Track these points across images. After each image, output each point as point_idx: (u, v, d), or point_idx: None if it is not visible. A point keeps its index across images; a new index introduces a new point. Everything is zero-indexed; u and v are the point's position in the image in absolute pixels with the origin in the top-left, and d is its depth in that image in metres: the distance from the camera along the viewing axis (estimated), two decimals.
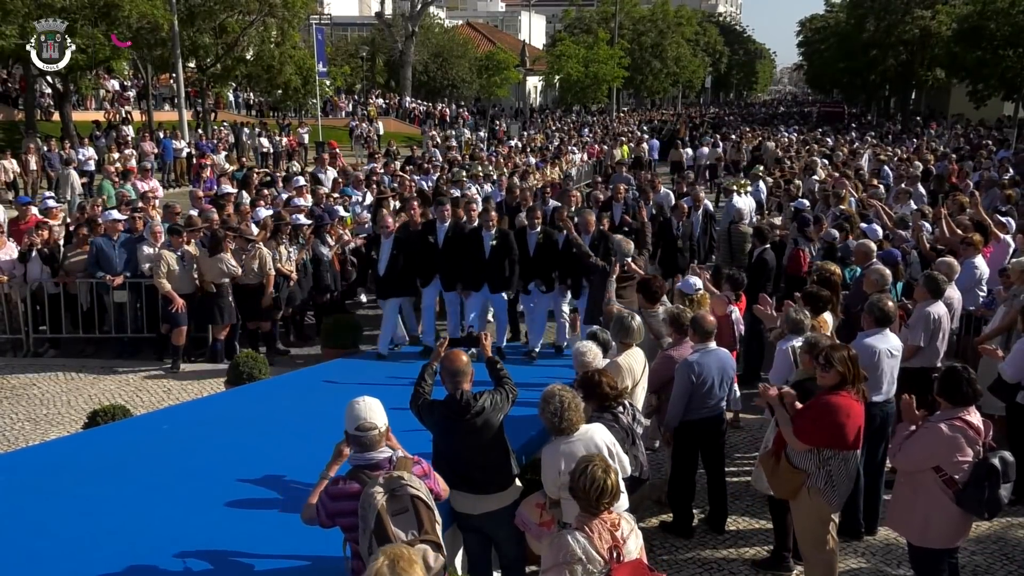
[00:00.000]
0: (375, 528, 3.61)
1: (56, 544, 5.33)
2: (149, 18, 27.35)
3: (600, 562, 3.75)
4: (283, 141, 33.13)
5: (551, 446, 4.72)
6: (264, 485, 5.97)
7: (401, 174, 19.26)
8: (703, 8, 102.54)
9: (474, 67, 58.88)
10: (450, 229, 10.33)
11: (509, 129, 44.40)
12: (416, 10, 53.14)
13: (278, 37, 34.45)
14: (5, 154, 23.30)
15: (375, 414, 3.99)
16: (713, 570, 6.29)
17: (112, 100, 36.34)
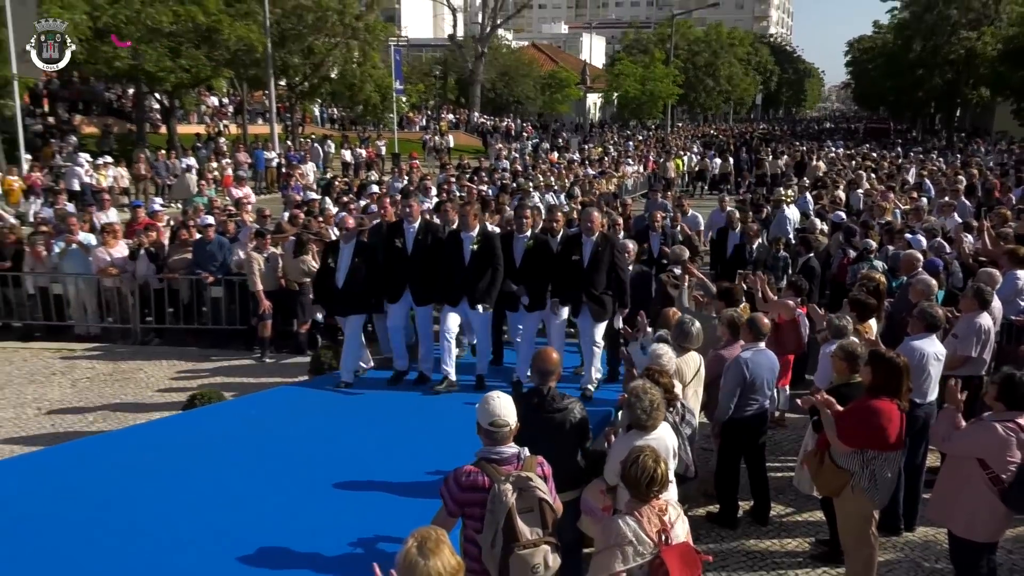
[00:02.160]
0: (504, 524, 3.62)
1: (161, 515, 5.50)
2: (246, 41, 27.90)
3: (650, 544, 3.74)
4: (363, 153, 33.53)
5: (628, 438, 4.66)
6: (344, 473, 6.16)
7: (468, 184, 19.36)
8: (755, 30, 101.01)
9: (538, 85, 58.88)
10: (420, 231, 8.32)
11: (569, 143, 44.29)
12: (486, 32, 53.42)
13: (360, 58, 34.87)
14: (119, 163, 23.99)
15: (508, 412, 3.94)
16: (756, 559, 6.21)
17: (212, 115, 37.19)
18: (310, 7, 31.47)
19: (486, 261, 8.19)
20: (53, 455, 6.87)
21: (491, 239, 8.32)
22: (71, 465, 6.43)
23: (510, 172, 23.59)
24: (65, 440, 7.70)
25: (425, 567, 2.92)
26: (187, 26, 26.73)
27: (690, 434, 5.44)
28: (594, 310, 8.02)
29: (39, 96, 29.08)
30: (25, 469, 6.44)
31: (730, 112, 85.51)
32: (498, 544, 3.61)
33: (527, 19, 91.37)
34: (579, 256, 7.99)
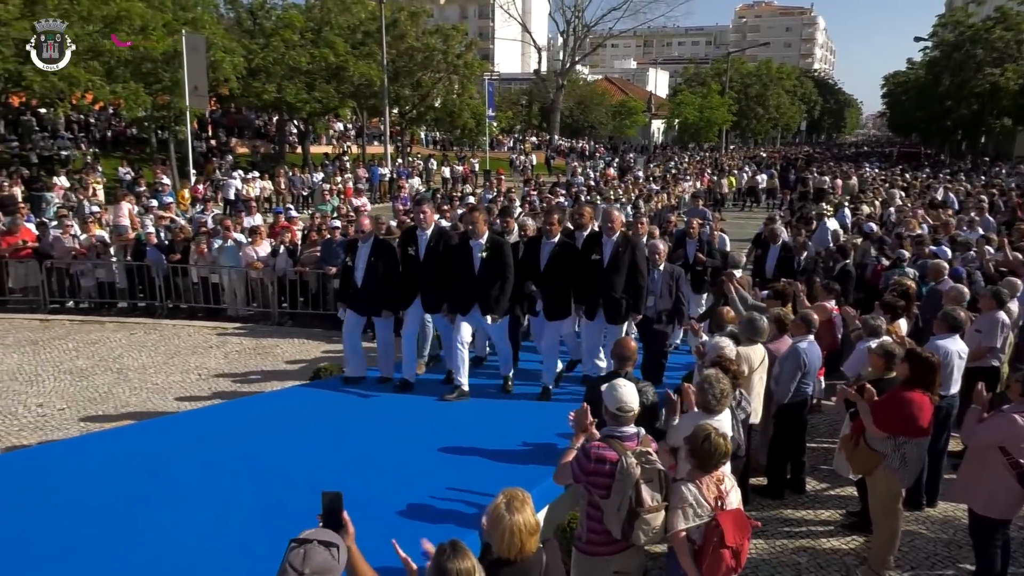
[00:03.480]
0: (633, 493, 3.62)
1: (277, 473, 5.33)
2: (367, 77, 28.53)
3: (707, 508, 3.72)
4: (459, 169, 33.85)
5: (695, 416, 4.60)
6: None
7: (548, 195, 19.34)
8: (801, 65, 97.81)
9: (609, 112, 58.39)
10: (433, 238, 7.17)
11: (635, 162, 43.76)
12: (566, 67, 53.21)
13: (459, 90, 35.21)
14: (264, 177, 24.84)
15: (633, 398, 3.91)
16: (793, 525, 6.04)
17: (337, 138, 38.08)
18: (419, 48, 31.98)
19: (495, 269, 6.92)
20: (60, 449, 6.12)
21: (501, 246, 7.01)
22: (70, 462, 5.66)
23: (584, 186, 23.46)
24: (220, 400, 8.00)
25: (509, 521, 2.95)
26: (320, 65, 27.52)
27: (744, 418, 5.30)
28: (610, 312, 7.01)
29: (205, 123, 30.27)
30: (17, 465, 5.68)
31: (777, 137, 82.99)
32: (624, 508, 3.62)
33: (601, 56, 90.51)
34: (599, 256, 6.98)
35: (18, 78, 18.42)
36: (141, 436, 6.26)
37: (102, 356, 9.73)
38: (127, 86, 20.23)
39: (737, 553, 3.71)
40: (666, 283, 7.50)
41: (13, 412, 7.78)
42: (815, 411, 8.14)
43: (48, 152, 24.37)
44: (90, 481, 5.28)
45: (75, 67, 18.43)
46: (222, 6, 28.78)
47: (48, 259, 12.05)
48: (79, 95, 21.13)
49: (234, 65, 23.60)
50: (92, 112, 28.27)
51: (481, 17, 78.26)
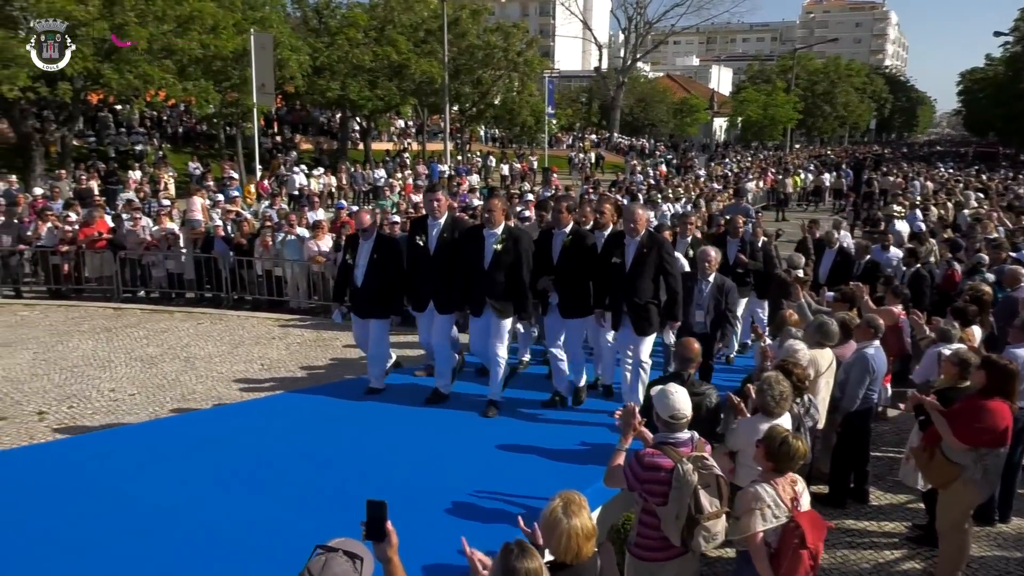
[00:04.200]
0: (691, 500, 3.57)
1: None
2: (428, 75, 28.81)
3: (785, 509, 3.68)
4: (518, 166, 33.89)
5: (754, 420, 4.52)
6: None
7: (607, 194, 19.21)
8: (871, 62, 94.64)
9: (670, 110, 57.64)
10: (445, 227, 6.40)
11: (696, 161, 43.10)
12: (627, 65, 52.80)
13: (519, 87, 35.28)
14: (327, 173, 25.34)
15: (685, 405, 3.84)
16: (856, 536, 5.86)
17: (398, 135, 38.60)
18: (480, 46, 32.14)
19: (510, 264, 6.16)
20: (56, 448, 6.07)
21: (518, 238, 6.26)
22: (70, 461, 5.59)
23: (643, 185, 23.24)
24: (281, 390, 8.20)
25: (567, 525, 2.92)
26: (383, 63, 27.92)
27: (811, 425, 5.17)
28: (636, 322, 6.13)
29: (271, 120, 31.05)
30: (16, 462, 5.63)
31: (845, 135, 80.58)
32: (682, 516, 3.56)
33: (663, 53, 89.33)
34: (620, 259, 6.09)
35: (97, 76, 19.21)
36: (202, 423, 6.47)
37: (170, 344, 10.08)
38: (198, 84, 20.91)
39: (815, 555, 3.65)
40: (713, 296, 6.72)
41: (88, 396, 8.13)
42: (881, 419, 7.88)
43: (123, 147, 25.39)
44: (158, 464, 5.48)
45: (150, 65, 19.14)
46: (289, 5, 29.52)
47: (122, 250, 12.56)
48: (153, 92, 21.93)
49: (300, 63, 24.16)
50: (165, 109, 29.33)
51: (542, 15, 78.12)
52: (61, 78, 18.63)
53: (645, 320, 6.16)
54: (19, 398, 8.01)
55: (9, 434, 7.06)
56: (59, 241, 12.73)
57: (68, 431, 7.06)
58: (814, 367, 5.57)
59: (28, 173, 19.68)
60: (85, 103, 22.68)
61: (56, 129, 21.76)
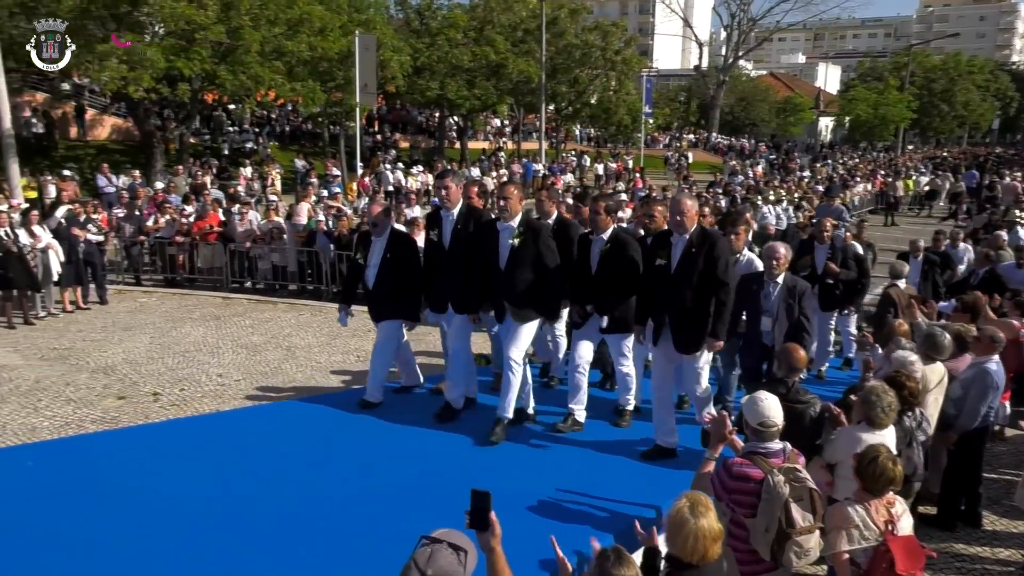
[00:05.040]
0: (782, 513, 3.46)
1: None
2: (525, 74, 29.00)
3: (875, 531, 3.50)
4: (612, 166, 33.61)
5: (856, 430, 4.32)
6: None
7: (704, 194, 18.80)
8: (997, 58, 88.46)
9: (773, 109, 55.77)
10: (460, 218, 5.68)
11: (800, 162, 41.52)
12: (728, 63, 51.42)
13: (616, 86, 34.98)
14: (424, 171, 25.88)
15: (776, 413, 3.70)
16: (966, 562, 5.49)
17: (494, 134, 38.99)
18: (578, 45, 32.07)
19: (531, 261, 5.35)
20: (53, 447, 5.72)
21: (537, 230, 5.45)
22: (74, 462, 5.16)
23: (743, 186, 22.60)
24: None
25: (694, 525, 2.87)
26: (481, 63, 28.30)
27: (923, 440, 4.89)
28: (680, 335, 5.15)
29: (372, 119, 31.99)
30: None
31: (964, 136, 75.69)
32: (772, 529, 3.45)
33: (767, 51, 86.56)
34: (666, 260, 5.14)
35: (213, 77, 20.32)
36: (292, 413, 6.36)
37: (273, 334, 10.54)
38: (305, 84, 21.79)
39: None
40: (783, 300, 5.69)
41: (197, 380, 8.61)
42: (997, 439, 7.37)
43: (235, 145, 26.75)
44: (250, 449, 5.48)
45: (261, 67, 20.09)
46: (392, 7, 30.33)
47: (231, 242, 13.24)
48: (263, 92, 23.01)
49: (401, 63, 24.80)
50: (274, 108, 30.72)
51: (641, 13, 77.12)
52: (181, 79, 19.83)
53: (692, 336, 5.14)
54: (136, 379, 8.57)
55: (127, 412, 7.56)
56: (175, 233, 13.54)
57: (179, 411, 7.50)
58: (923, 382, 5.26)
59: (149, 168, 21.02)
60: (202, 103, 24.06)
61: (175, 127, 23.17)
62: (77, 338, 10.21)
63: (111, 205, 15.37)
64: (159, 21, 19.60)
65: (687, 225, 5.07)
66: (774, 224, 14.95)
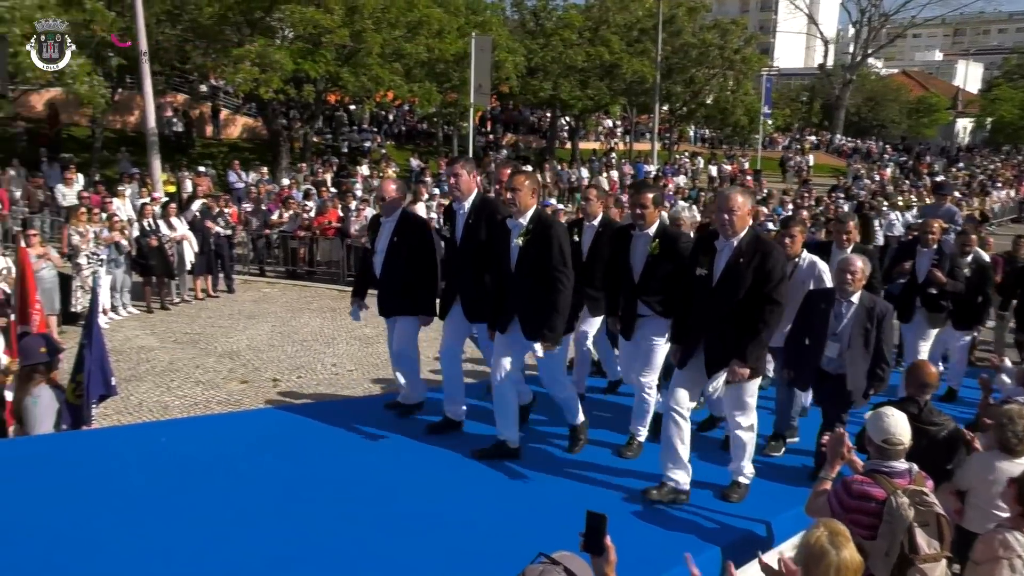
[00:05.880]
0: (905, 538, 3.28)
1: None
2: (639, 74, 28.64)
3: None
4: (727, 168, 32.65)
5: (988, 457, 4.02)
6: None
7: (827, 199, 17.94)
8: None
9: (904, 110, 52.54)
10: (472, 212, 4.89)
11: (933, 166, 38.91)
12: (856, 61, 48.84)
13: (734, 86, 33.99)
14: (534, 171, 26.00)
15: (903, 430, 3.47)
16: None
17: (606, 134, 38.72)
18: (695, 44, 31.36)
19: (539, 266, 4.51)
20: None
21: (548, 232, 4.52)
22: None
23: (867, 191, 21.42)
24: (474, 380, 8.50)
25: (836, 556, 2.72)
26: (595, 63, 28.17)
27: None
28: (718, 362, 4.26)
29: (485, 119, 32.49)
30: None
31: None
32: (893, 554, 3.24)
33: (899, 48, 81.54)
34: (708, 269, 4.26)
35: (336, 79, 21.22)
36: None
37: (385, 327, 10.84)
38: (422, 85, 22.38)
39: None
40: (858, 324, 4.72)
41: (313, 368, 9.00)
42: None
43: (354, 144, 27.83)
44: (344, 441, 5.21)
45: (381, 68, 20.80)
46: (508, 9, 30.67)
47: (348, 237, 13.76)
48: (382, 93, 23.81)
49: (515, 64, 25.03)
50: (391, 109, 31.73)
51: (763, 10, 74.48)
52: (307, 81, 20.81)
53: (722, 361, 4.26)
54: (258, 365, 9.06)
55: (249, 396, 8.00)
56: (297, 227, 14.22)
57: (296, 397, 7.86)
58: None
59: (275, 165, 22.18)
60: (325, 103, 25.14)
61: (300, 127, 24.33)
62: (207, 324, 10.90)
63: (240, 200, 16.33)
64: (289, 25, 20.65)
65: (736, 227, 4.16)
66: (902, 233, 14.09)
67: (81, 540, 3.63)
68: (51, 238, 13.60)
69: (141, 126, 19.16)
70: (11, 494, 3.97)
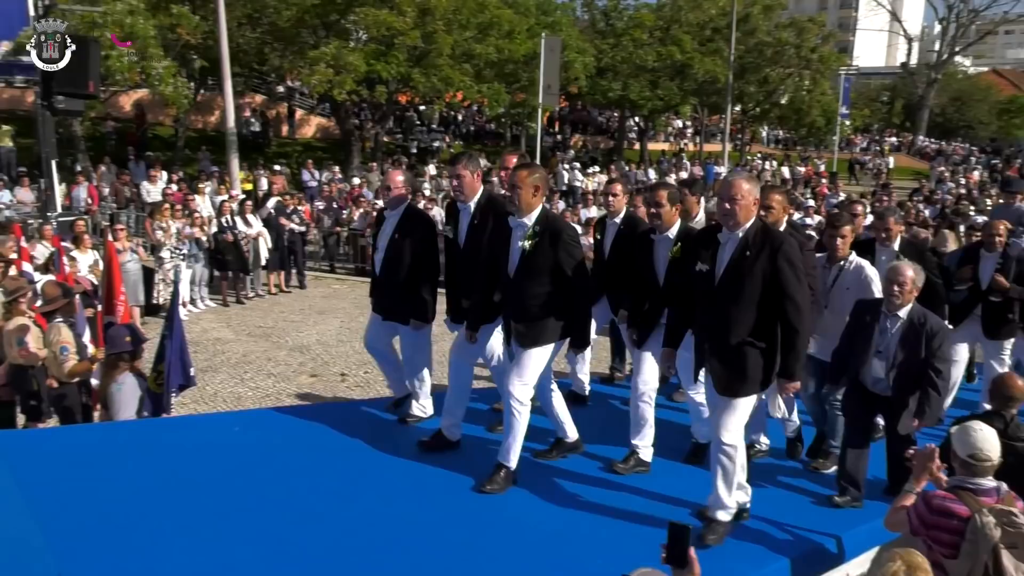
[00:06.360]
0: (990, 559, 3.14)
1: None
2: (711, 74, 28.14)
3: None
4: (801, 170, 31.71)
5: None
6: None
7: (908, 203, 17.22)
8: None
9: (993, 110, 50.03)
10: (477, 211, 4.61)
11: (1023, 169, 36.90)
12: (942, 59, 46.76)
13: (810, 85, 33.01)
14: (601, 171, 25.87)
15: (991, 446, 3.30)
16: None
17: (675, 135, 38.17)
18: (771, 43, 30.61)
19: (548, 270, 4.13)
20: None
21: (557, 232, 4.13)
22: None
23: (952, 195, 20.48)
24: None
25: None
26: (665, 63, 27.82)
27: None
28: (726, 374, 3.76)
29: (552, 120, 32.48)
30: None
31: None
32: (976, 575, 3.12)
33: (989, 45, 77.67)
34: (709, 265, 3.78)
35: (407, 80, 21.56)
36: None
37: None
38: (492, 86, 22.55)
39: None
40: (905, 341, 4.26)
41: None
42: None
43: (424, 144, 28.23)
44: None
45: (451, 70, 21.04)
46: (579, 9, 30.56)
47: None
48: (452, 94, 24.08)
49: (584, 64, 24.95)
50: (460, 109, 32.05)
51: (843, 7, 72.12)
52: (379, 82, 21.23)
53: (736, 370, 3.72)
54: (327, 359, 9.27)
55: (318, 389, 8.20)
56: (367, 225, 14.49)
57: (363, 392, 8.01)
58: None
59: (347, 165, 22.69)
60: (395, 104, 25.58)
61: (371, 127, 24.82)
62: (279, 318, 11.23)
63: (312, 198, 16.76)
64: (363, 28, 21.09)
65: (740, 217, 3.64)
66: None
67: (156, 519, 3.78)
68: (135, 233, 14.24)
69: (221, 126, 19.89)
70: (94, 476, 4.17)
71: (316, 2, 19.80)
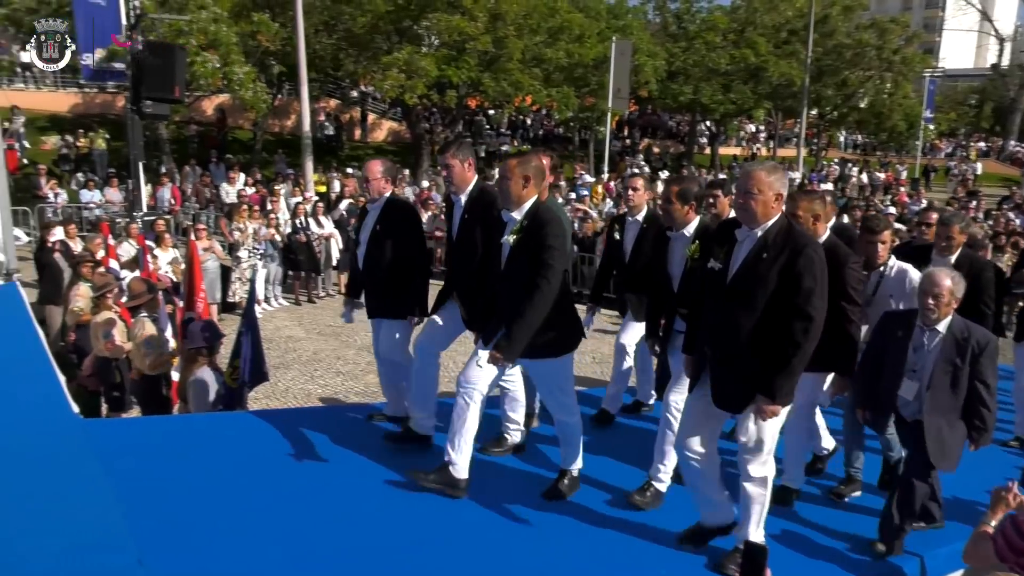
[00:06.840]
0: None
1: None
2: (787, 77, 27.46)
3: None
4: (881, 176, 30.58)
5: None
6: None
7: (996, 212, 16.42)
8: None
9: None
10: (468, 205, 4.31)
11: None
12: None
13: (891, 88, 31.81)
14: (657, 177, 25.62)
15: None
16: None
17: (748, 139, 37.35)
18: (850, 45, 29.67)
19: (528, 268, 3.66)
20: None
21: (542, 227, 3.66)
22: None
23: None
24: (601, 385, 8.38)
25: None
26: (739, 66, 27.28)
27: None
28: (727, 386, 3.36)
29: (622, 124, 32.23)
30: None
31: None
32: None
33: None
34: (722, 264, 3.37)
35: (477, 84, 21.76)
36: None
37: None
38: (561, 90, 22.53)
39: None
40: (945, 359, 3.71)
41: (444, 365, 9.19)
42: None
43: (492, 148, 28.41)
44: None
45: (521, 74, 21.13)
46: (651, 12, 30.27)
47: None
48: (521, 98, 24.17)
49: (655, 68, 24.68)
50: (529, 113, 32.13)
51: (928, 7, 69.26)
52: (449, 86, 21.49)
53: (741, 385, 3.33)
54: None
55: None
56: (434, 228, 14.65)
57: None
58: None
59: (417, 168, 23.04)
60: (465, 108, 25.83)
61: (441, 131, 25.14)
62: None
63: None
64: (435, 33, 21.41)
65: (758, 214, 3.22)
66: None
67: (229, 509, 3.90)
68: (214, 232, 14.79)
69: (297, 129, 20.49)
70: (173, 466, 4.33)
71: (390, 8, 20.21)
